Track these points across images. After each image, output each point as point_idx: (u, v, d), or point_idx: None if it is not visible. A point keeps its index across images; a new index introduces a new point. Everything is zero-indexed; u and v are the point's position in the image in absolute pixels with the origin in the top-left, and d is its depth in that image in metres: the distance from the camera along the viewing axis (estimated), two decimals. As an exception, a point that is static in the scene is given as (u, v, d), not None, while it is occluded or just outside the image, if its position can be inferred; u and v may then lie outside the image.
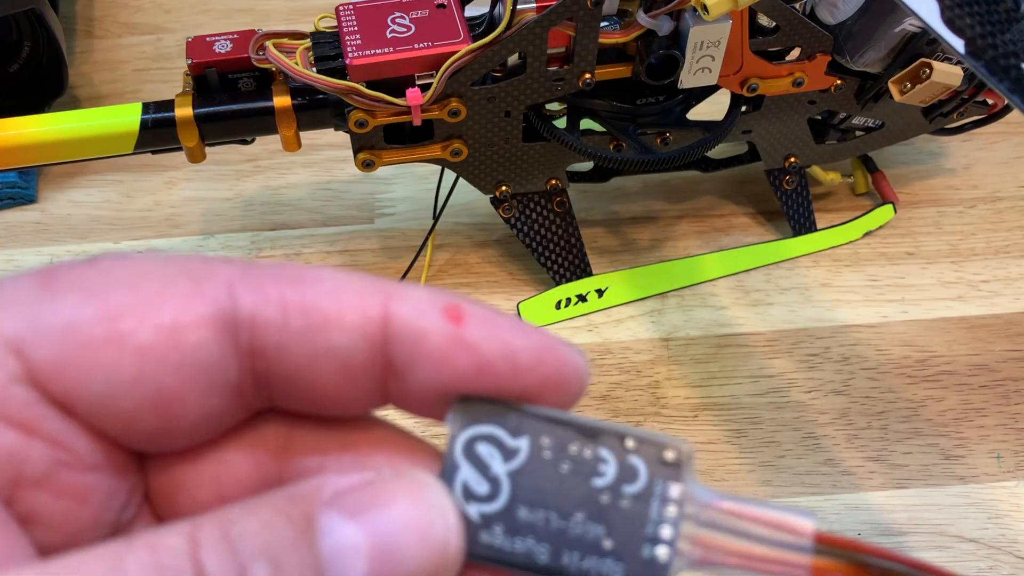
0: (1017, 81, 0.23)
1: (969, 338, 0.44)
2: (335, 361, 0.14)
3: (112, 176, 0.52)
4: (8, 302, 0.13)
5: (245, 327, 0.14)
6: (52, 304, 0.13)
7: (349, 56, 0.37)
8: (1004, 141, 0.53)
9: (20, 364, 0.13)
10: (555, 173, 0.44)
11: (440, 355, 0.14)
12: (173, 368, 0.13)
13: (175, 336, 0.13)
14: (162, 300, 0.13)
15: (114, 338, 0.13)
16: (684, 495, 0.14)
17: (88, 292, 0.13)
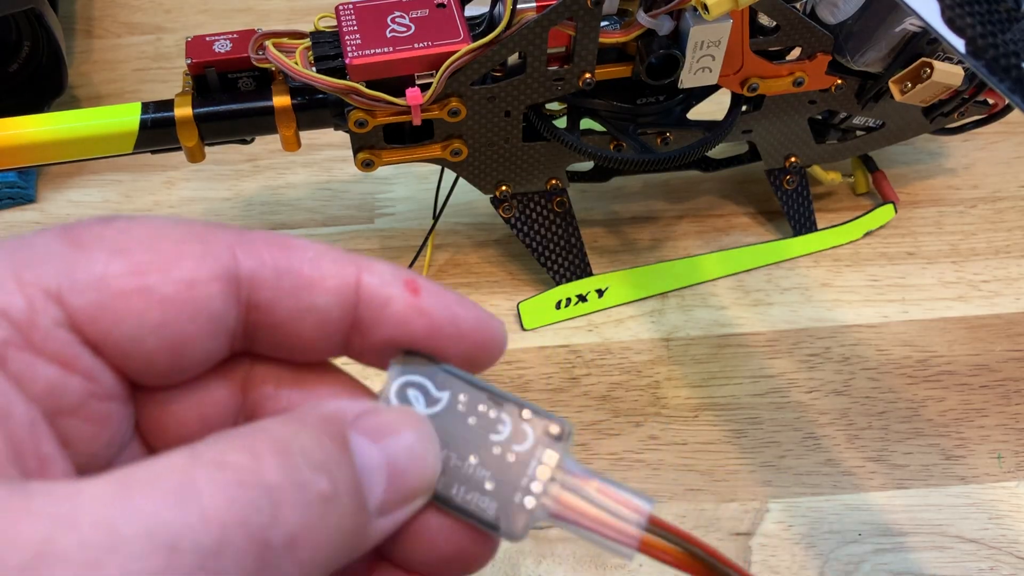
0: (1018, 81, 0.23)
1: (970, 338, 0.44)
2: (314, 317, 0.17)
3: (111, 176, 0.52)
4: (43, 256, 0.15)
5: (245, 284, 0.16)
6: (84, 259, 0.15)
7: (349, 56, 0.37)
8: (1005, 141, 0.53)
9: (61, 311, 0.15)
10: (555, 173, 0.43)
11: (400, 318, 0.17)
12: (189, 316, 0.16)
13: (192, 290, 0.16)
14: (179, 258, 0.16)
15: (142, 290, 0.15)
16: (557, 462, 0.17)
17: (114, 249, 0.15)
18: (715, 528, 0.38)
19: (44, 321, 0.15)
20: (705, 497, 0.39)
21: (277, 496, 0.14)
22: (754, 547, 0.38)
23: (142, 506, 0.13)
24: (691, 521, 0.38)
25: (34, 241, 0.15)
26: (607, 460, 0.40)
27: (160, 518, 0.13)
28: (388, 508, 0.16)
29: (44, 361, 0.15)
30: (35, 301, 0.15)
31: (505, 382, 0.43)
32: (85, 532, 0.12)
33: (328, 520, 0.15)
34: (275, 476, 0.14)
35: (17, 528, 0.12)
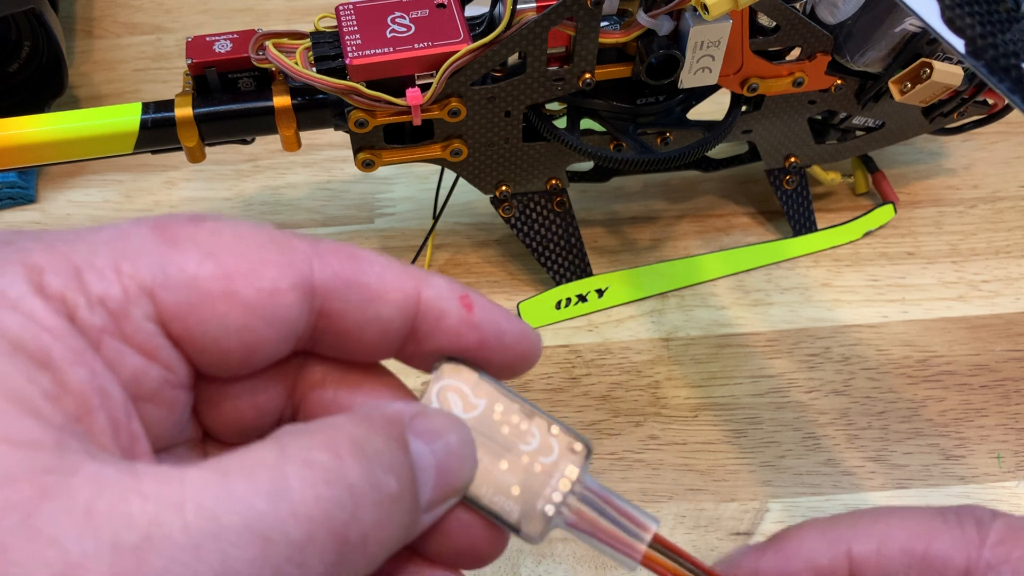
0: (1017, 81, 0.23)
1: (970, 338, 0.44)
2: (378, 326, 0.18)
3: (112, 176, 0.52)
4: (137, 250, 0.16)
5: (319, 295, 0.17)
6: (177, 257, 0.16)
7: (349, 56, 0.37)
8: (1004, 141, 0.53)
9: (151, 305, 0.16)
10: (555, 173, 0.43)
11: (454, 331, 0.19)
12: (267, 322, 0.17)
13: (273, 298, 0.17)
14: (263, 266, 0.17)
15: (228, 295, 0.16)
16: (578, 477, 0.19)
17: (205, 251, 0.16)
18: (715, 528, 0.38)
19: (136, 313, 0.16)
20: (705, 497, 0.39)
21: (357, 495, 0.15)
22: (754, 547, 0.38)
23: (241, 497, 0.14)
24: (691, 521, 0.38)
25: (129, 232, 0.16)
26: (607, 460, 0.40)
27: (256, 510, 0.14)
28: (433, 505, 0.17)
29: (132, 350, 0.16)
30: (130, 293, 0.16)
31: (505, 382, 0.43)
32: (189, 517, 0.13)
33: (393, 518, 0.16)
34: (356, 476, 0.15)
35: (131, 507, 0.13)
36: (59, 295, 0.15)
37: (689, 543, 0.38)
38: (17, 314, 0.14)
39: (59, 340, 0.15)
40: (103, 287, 0.16)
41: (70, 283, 0.15)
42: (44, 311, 0.15)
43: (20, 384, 0.14)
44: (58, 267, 0.15)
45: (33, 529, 0.13)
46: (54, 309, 0.15)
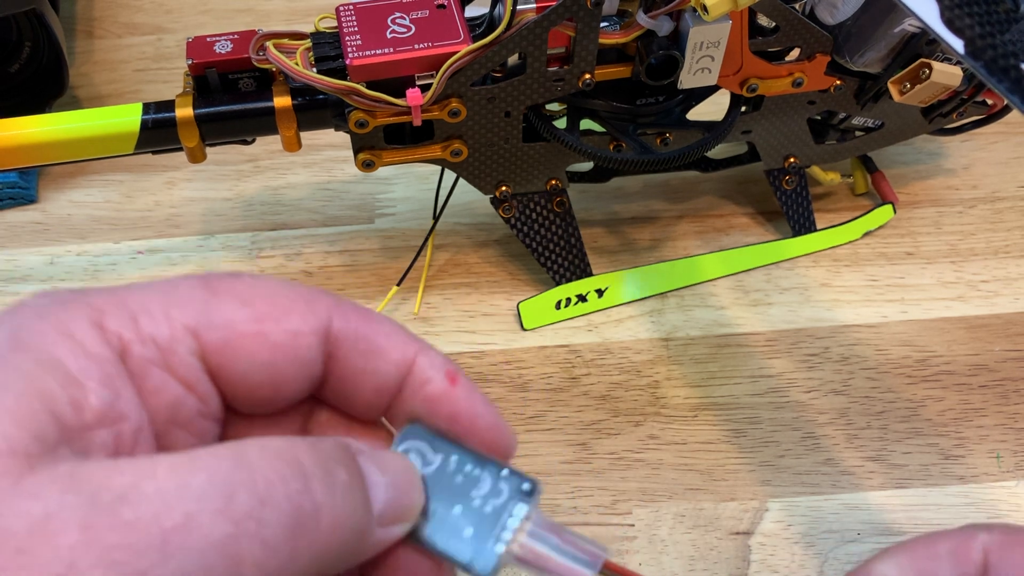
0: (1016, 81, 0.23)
1: (968, 338, 0.44)
2: (374, 380, 0.21)
3: (112, 176, 0.52)
4: (185, 299, 0.19)
5: (332, 340, 0.20)
6: (218, 304, 0.19)
7: (349, 56, 0.37)
8: (1004, 141, 0.53)
9: (195, 343, 0.19)
10: (555, 173, 0.44)
11: (433, 398, 0.21)
12: (291, 360, 0.19)
13: (296, 339, 0.19)
14: (289, 313, 0.19)
15: (259, 334, 0.19)
16: (526, 514, 0.20)
17: (242, 299, 0.19)
18: (714, 527, 0.38)
19: (181, 349, 0.18)
20: (704, 496, 0.39)
21: (308, 471, 0.17)
22: (753, 546, 0.38)
23: (206, 466, 0.16)
24: (690, 520, 0.38)
25: (179, 284, 0.19)
26: (607, 459, 0.40)
27: (220, 475, 0.16)
28: (385, 519, 0.19)
29: (175, 380, 0.18)
30: (177, 333, 0.18)
31: (505, 382, 0.43)
32: (161, 481, 0.16)
33: (345, 504, 0.18)
34: (307, 458, 0.17)
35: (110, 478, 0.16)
36: (116, 332, 0.18)
37: (689, 542, 0.38)
38: (71, 341, 0.17)
39: (98, 365, 0.17)
40: (154, 328, 0.18)
41: (126, 324, 0.18)
42: (95, 341, 0.17)
43: (51, 388, 0.16)
44: (117, 311, 0.18)
45: (19, 487, 0.15)
46: (106, 341, 0.18)
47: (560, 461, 0.40)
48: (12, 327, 0.17)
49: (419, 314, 0.45)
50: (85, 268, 0.47)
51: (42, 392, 0.16)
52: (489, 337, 0.44)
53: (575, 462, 0.40)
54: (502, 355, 0.44)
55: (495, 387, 0.43)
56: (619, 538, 0.38)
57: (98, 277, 0.47)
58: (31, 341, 0.17)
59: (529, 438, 0.41)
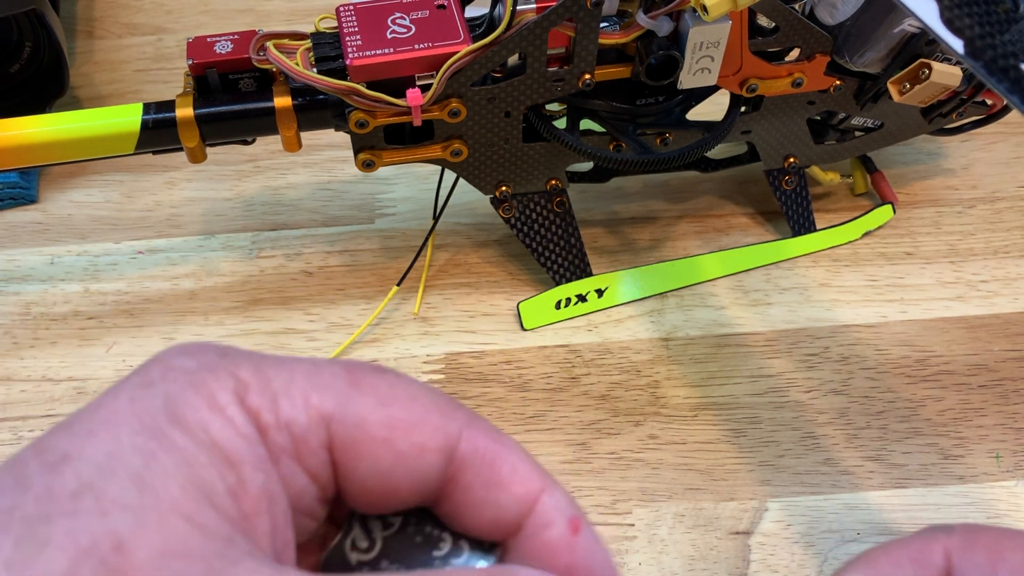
0: (1016, 82, 0.23)
1: (968, 338, 0.44)
2: (493, 512, 0.20)
3: (113, 176, 0.52)
4: (327, 385, 0.19)
5: (456, 461, 0.19)
6: (357, 399, 0.19)
7: (349, 57, 0.37)
8: (1003, 141, 0.53)
9: (326, 434, 0.18)
10: (555, 173, 0.44)
11: (551, 544, 0.19)
12: (409, 473, 0.19)
13: (421, 454, 0.19)
14: (421, 425, 0.19)
15: (387, 441, 0.19)
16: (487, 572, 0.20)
17: (379, 399, 0.19)
18: (714, 527, 0.38)
19: (313, 440, 0.18)
20: (704, 496, 0.39)
21: None
22: (753, 546, 0.38)
23: None
24: (690, 520, 0.38)
25: (324, 368, 0.19)
26: (606, 459, 0.40)
27: None
28: None
29: (302, 470, 0.18)
30: (312, 422, 0.18)
31: (505, 382, 0.43)
32: None
33: None
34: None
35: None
36: (256, 412, 0.18)
37: (688, 542, 0.38)
38: (221, 417, 0.17)
39: (250, 446, 0.17)
40: (292, 413, 0.18)
41: (267, 404, 0.18)
42: (243, 420, 0.18)
43: (211, 477, 0.17)
44: (261, 389, 0.18)
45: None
46: (250, 421, 0.18)
47: (560, 461, 0.40)
48: (167, 396, 0.17)
49: (419, 314, 0.45)
50: (85, 268, 0.47)
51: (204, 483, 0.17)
52: (489, 337, 0.45)
53: (575, 462, 0.40)
54: (502, 355, 0.44)
55: (495, 387, 0.43)
56: (619, 538, 0.38)
57: (98, 277, 0.47)
58: (187, 416, 0.17)
59: (529, 438, 0.41)
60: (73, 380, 0.43)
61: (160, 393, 0.17)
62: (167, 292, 0.46)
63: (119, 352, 0.44)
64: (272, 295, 0.46)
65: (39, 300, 0.46)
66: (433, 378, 0.43)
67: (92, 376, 0.43)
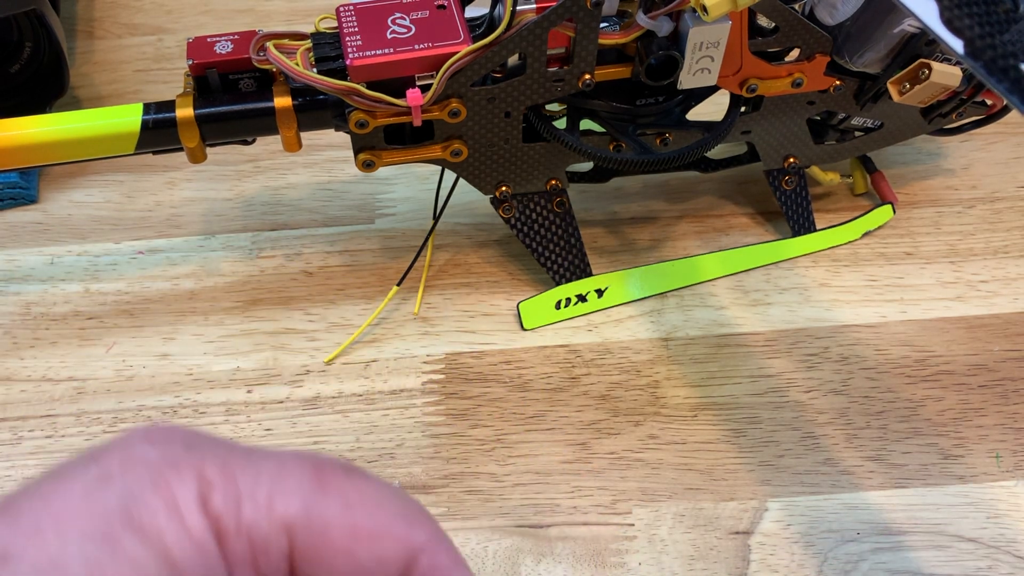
0: (1016, 82, 0.23)
1: (968, 338, 0.44)
2: None
3: (113, 176, 0.52)
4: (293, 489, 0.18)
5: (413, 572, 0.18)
6: (323, 502, 0.18)
7: (349, 57, 0.37)
8: (1003, 142, 0.53)
9: (287, 543, 0.17)
10: (555, 173, 0.44)
11: None
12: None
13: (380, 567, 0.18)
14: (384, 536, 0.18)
15: (348, 552, 0.18)
16: None
17: (345, 502, 0.18)
18: (714, 527, 0.38)
19: (272, 550, 0.17)
20: (704, 496, 0.39)
21: None
22: (753, 546, 0.38)
23: None
24: (690, 520, 0.38)
25: (291, 466, 0.18)
26: (606, 459, 0.40)
27: None
28: None
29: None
30: (274, 530, 0.17)
31: (505, 382, 0.43)
32: None
33: None
34: None
35: None
36: (218, 517, 0.17)
37: (688, 542, 0.38)
38: (179, 524, 0.16)
39: (203, 559, 0.17)
40: (255, 518, 0.17)
41: (230, 509, 0.17)
42: (201, 528, 0.17)
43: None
44: (225, 489, 0.17)
45: None
46: (210, 527, 0.17)
47: (560, 461, 0.40)
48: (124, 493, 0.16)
49: (419, 314, 0.45)
50: (85, 268, 0.47)
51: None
52: (489, 337, 0.45)
53: (575, 462, 0.40)
54: (502, 355, 0.44)
55: (495, 387, 0.43)
56: (619, 538, 0.38)
57: (98, 277, 0.47)
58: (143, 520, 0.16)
59: (529, 438, 0.41)
60: (73, 380, 0.43)
61: (118, 490, 0.16)
62: (167, 292, 0.47)
63: (119, 352, 0.44)
64: (272, 295, 0.46)
65: (39, 300, 0.46)
66: (433, 378, 0.43)
67: (92, 376, 0.43)
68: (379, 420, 0.42)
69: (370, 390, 0.43)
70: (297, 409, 0.42)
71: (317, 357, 0.44)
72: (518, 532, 0.38)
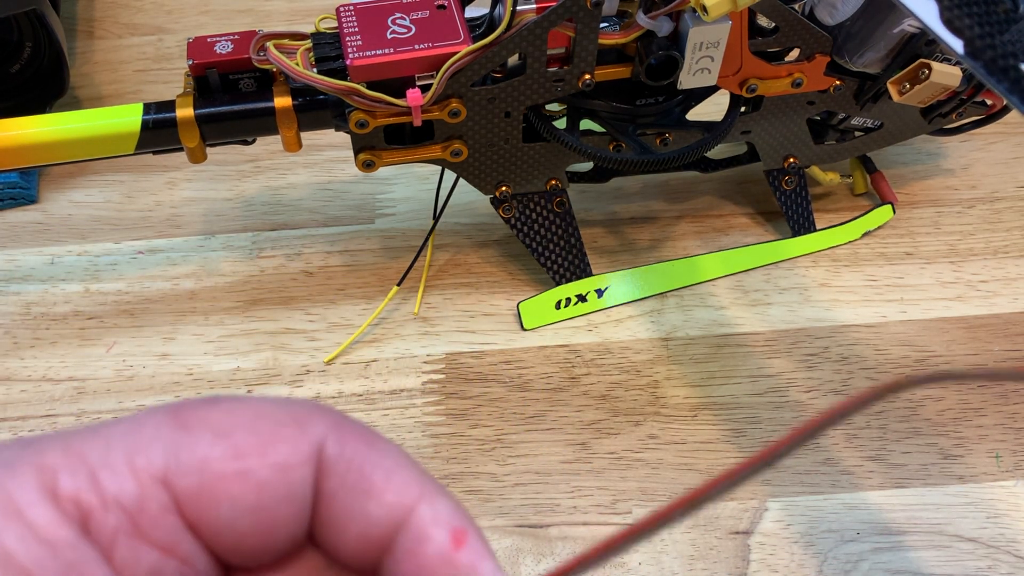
0: (1016, 82, 0.23)
1: (968, 338, 0.44)
2: (361, 526, 0.16)
3: (113, 176, 0.52)
4: (150, 440, 0.16)
5: (322, 470, 0.16)
6: (190, 441, 0.16)
7: (350, 57, 0.37)
8: (1003, 142, 0.53)
9: (167, 494, 0.16)
10: (555, 173, 0.44)
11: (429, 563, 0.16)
12: (280, 499, 0.16)
13: (286, 474, 0.16)
14: (275, 442, 0.16)
15: (240, 473, 0.16)
16: None
17: (217, 432, 0.16)
18: (714, 527, 0.38)
19: (152, 507, 0.16)
20: (704, 496, 0.39)
21: None
22: (753, 546, 0.38)
23: None
24: (690, 520, 0.38)
25: (144, 422, 0.16)
26: (606, 459, 0.40)
27: None
28: None
29: (148, 547, 0.16)
30: (145, 487, 0.16)
31: (505, 382, 0.43)
32: None
33: None
34: None
35: None
36: (73, 498, 0.15)
37: (688, 542, 0.38)
38: (18, 524, 0.15)
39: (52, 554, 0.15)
40: (118, 485, 0.15)
41: (84, 484, 0.15)
42: (51, 519, 0.15)
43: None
44: (74, 467, 0.15)
45: None
46: (65, 515, 0.15)
47: (560, 461, 0.40)
48: None
49: (419, 314, 0.46)
50: (86, 268, 0.48)
51: None
52: (489, 337, 0.45)
53: (575, 462, 0.40)
54: (502, 355, 0.44)
55: (495, 387, 0.43)
56: (619, 537, 0.38)
57: (98, 277, 0.47)
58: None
59: (529, 438, 0.41)
60: (73, 380, 0.43)
61: None
62: (167, 292, 0.47)
63: (119, 352, 0.44)
64: (272, 295, 0.46)
65: (39, 300, 0.46)
66: (433, 378, 0.43)
67: (92, 376, 0.43)
68: (379, 420, 0.42)
69: (370, 390, 0.43)
70: (297, 409, 0.42)
71: (317, 357, 0.44)
72: (518, 532, 0.38)
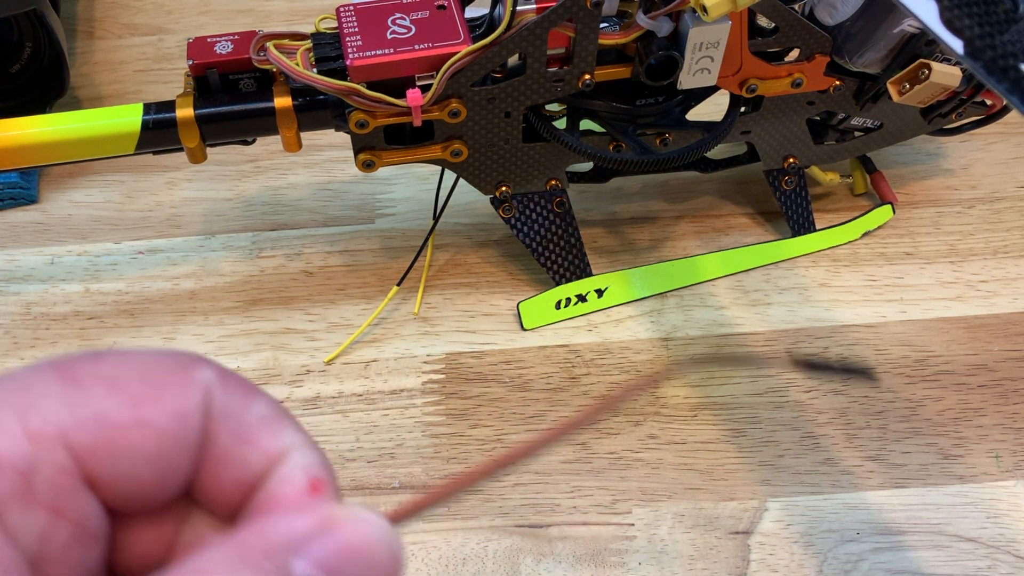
0: (1015, 82, 0.23)
1: (967, 338, 0.44)
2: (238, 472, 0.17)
3: (113, 176, 0.52)
4: (43, 397, 0.15)
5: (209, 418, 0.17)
6: (83, 396, 0.16)
7: (350, 57, 0.37)
8: (1003, 142, 0.53)
9: (66, 454, 0.15)
10: (555, 173, 0.44)
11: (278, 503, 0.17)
12: (179, 445, 0.16)
13: (182, 420, 0.16)
14: (167, 388, 0.16)
15: (139, 423, 0.16)
16: None
17: (110, 384, 0.16)
18: (714, 527, 0.38)
19: (46, 468, 0.15)
20: (704, 496, 0.39)
21: None
22: (753, 546, 0.38)
23: None
24: (690, 520, 0.38)
25: (30, 380, 0.16)
26: (606, 459, 0.40)
27: None
28: None
29: (38, 510, 0.15)
30: (41, 448, 0.15)
31: (505, 382, 0.43)
32: None
33: None
34: None
35: None
36: None
37: (688, 542, 0.38)
38: None
39: None
40: (9, 447, 0.15)
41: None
42: None
43: None
44: None
45: None
46: None
47: (560, 461, 0.40)
48: None
49: (419, 314, 0.46)
50: (86, 268, 0.48)
51: None
52: (489, 337, 0.45)
53: (575, 462, 0.40)
54: (502, 355, 0.44)
55: (495, 387, 0.43)
56: (619, 538, 0.38)
57: (98, 277, 0.47)
58: None
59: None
60: (73, 380, 0.43)
61: None
62: (167, 292, 0.47)
63: (119, 352, 0.44)
64: (272, 295, 0.46)
65: (39, 300, 0.46)
66: (433, 378, 0.43)
67: (92, 376, 0.43)
68: (379, 420, 0.42)
69: (370, 390, 0.43)
70: (297, 409, 0.42)
71: (317, 357, 0.44)
72: (518, 532, 0.38)
